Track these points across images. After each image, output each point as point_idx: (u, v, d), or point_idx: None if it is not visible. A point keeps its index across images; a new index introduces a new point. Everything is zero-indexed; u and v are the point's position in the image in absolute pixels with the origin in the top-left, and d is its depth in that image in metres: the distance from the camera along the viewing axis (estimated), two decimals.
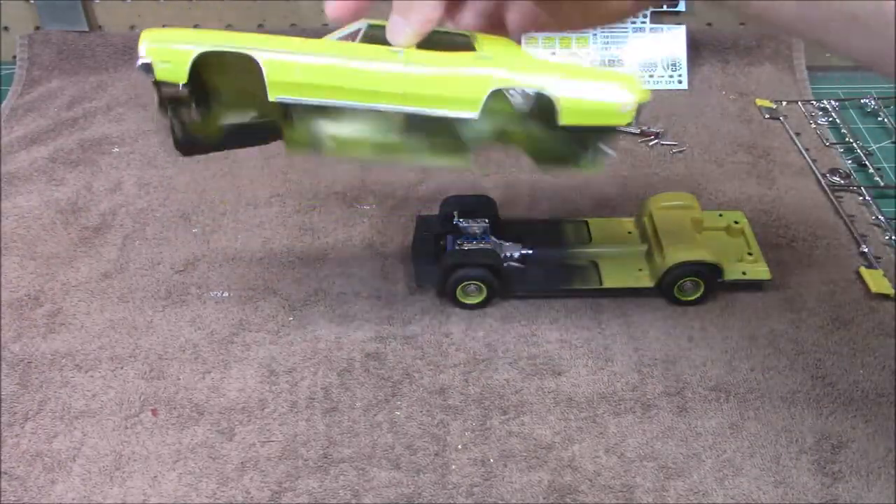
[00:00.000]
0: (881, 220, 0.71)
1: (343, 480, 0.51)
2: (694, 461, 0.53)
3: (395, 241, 0.69)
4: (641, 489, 0.51)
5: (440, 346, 0.60)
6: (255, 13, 0.93)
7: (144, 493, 0.51)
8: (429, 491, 0.51)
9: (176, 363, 0.59)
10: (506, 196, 0.73)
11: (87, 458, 0.53)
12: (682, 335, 0.61)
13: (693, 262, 0.61)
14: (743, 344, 0.60)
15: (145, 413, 0.55)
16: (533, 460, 0.53)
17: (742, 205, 0.72)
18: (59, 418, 0.55)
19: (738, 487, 0.51)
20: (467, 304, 0.63)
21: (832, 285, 0.65)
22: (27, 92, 0.87)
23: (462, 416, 0.55)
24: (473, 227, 0.64)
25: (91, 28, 0.92)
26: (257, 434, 0.54)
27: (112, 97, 0.86)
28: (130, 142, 0.80)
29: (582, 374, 0.58)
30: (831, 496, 0.51)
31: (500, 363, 0.59)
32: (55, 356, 0.59)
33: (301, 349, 0.60)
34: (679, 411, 0.56)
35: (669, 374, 0.58)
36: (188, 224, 0.71)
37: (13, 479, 0.51)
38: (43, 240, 0.69)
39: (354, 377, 0.58)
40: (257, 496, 0.51)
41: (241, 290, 0.64)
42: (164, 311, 0.63)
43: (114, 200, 0.73)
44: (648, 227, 0.65)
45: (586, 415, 0.55)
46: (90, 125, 0.82)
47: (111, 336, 0.61)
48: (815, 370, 0.58)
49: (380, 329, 0.61)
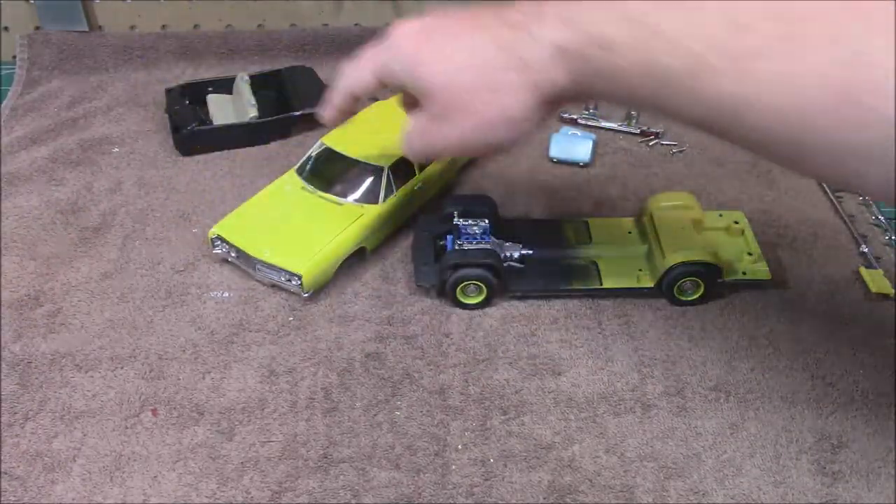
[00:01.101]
0: (881, 220, 0.71)
1: (343, 480, 0.51)
2: (694, 461, 0.53)
3: (395, 241, 0.69)
4: (641, 489, 0.51)
5: (440, 346, 0.60)
6: (256, 13, 0.93)
7: (144, 493, 0.51)
8: (429, 491, 0.51)
9: (176, 363, 0.59)
10: (506, 196, 0.73)
11: (87, 458, 0.53)
12: (682, 335, 0.61)
13: (693, 262, 0.61)
14: (743, 344, 0.60)
15: (145, 413, 0.55)
16: (533, 460, 0.53)
17: (742, 205, 0.72)
18: (59, 418, 0.55)
19: (738, 487, 0.51)
20: (467, 304, 0.63)
21: (832, 285, 0.65)
22: (27, 92, 0.87)
23: (462, 416, 0.55)
24: (473, 227, 0.64)
25: (91, 28, 0.92)
26: (257, 434, 0.54)
27: (112, 97, 0.86)
28: (130, 142, 0.80)
29: (582, 374, 0.58)
30: (831, 496, 0.51)
31: (500, 363, 0.59)
32: (55, 356, 0.59)
33: (301, 349, 0.60)
34: (679, 411, 0.56)
35: (669, 374, 0.58)
36: (188, 224, 0.71)
37: (13, 479, 0.51)
38: (43, 240, 0.69)
39: (354, 377, 0.58)
40: (257, 496, 0.51)
41: (241, 290, 0.64)
42: (164, 311, 0.63)
43: (114, 200, 0.73)
44: (648, 227, 0.65)
45: (586, 415, 0.55)
46: (90, 125, 0.82)
47: (111, 336, 0.61)
48: (815, 370, 0.58)
49: (380, 329, 0.61)
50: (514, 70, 0.47)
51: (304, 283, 0.61)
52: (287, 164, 0.75)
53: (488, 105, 0.49)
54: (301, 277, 0.61)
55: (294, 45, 0.92)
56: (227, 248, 0.65)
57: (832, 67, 0.36)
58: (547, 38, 0.46)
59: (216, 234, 0.65)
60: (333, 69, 0.90)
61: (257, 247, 0.63)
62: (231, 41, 0.92)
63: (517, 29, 0.47)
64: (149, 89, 0.87)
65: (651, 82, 0.42)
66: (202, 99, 0.82)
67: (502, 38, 0.47)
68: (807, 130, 0.38)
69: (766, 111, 0.39)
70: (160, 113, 0.83)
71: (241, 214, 0.66)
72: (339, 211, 0.66)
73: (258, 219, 0.66)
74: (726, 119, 0.41)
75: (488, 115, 0.49)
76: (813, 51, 0.37)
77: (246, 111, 0.79)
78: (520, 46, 0.47)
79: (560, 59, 0.45)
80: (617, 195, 0.74)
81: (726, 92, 0.39)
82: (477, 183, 0.75)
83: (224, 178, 0.76)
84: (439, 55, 0.50)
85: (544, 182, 0.75)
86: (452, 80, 0.50)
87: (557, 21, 0.45)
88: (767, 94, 0.38)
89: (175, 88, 0.83)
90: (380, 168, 0.67)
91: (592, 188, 0.75)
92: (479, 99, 0.49)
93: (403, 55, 0.52)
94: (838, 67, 0.36)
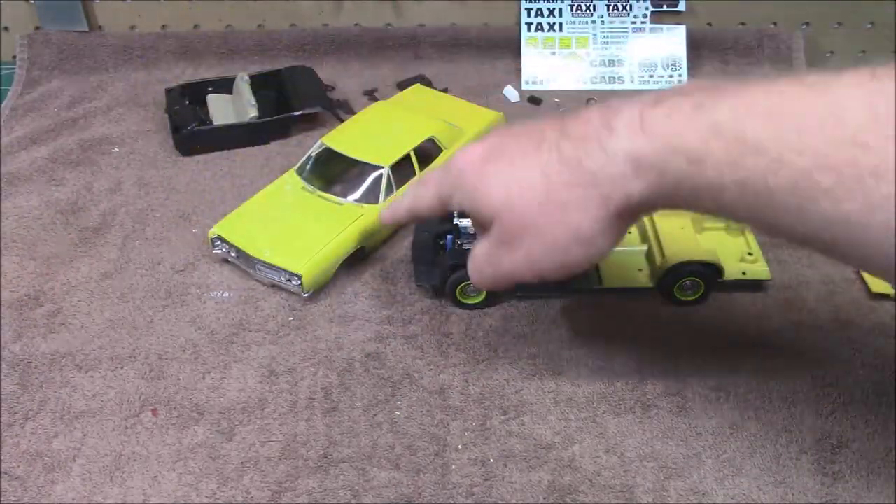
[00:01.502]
0: None
1: (343, 480, 0.51)
2: (694, 461, 0.53)
3: (395, 241, 0.69)
4: (641, 489, 0.51)
5: (440, 346, 0.60)
6: (256, 13, 0.93)
7: (144, 493, 0.51)
8: (429, 491, 0.51)
9: (176, 363, 0.59)
10: None
11: (87, 458, 0.53)
12: (682, 335, 0.61)
13: (693, 262, 0.61)
14: (743, 344, 0.60)
15: (145, 413, 0.55)
16: (533, 460, 0.53)
17: None
18: (59, 418, 0.55)
19: (738, 487, 0.51)
20: (467, 304, 0.63)
21: (832, 285, 0.65)
22: (27, 92, 0.87)
23: (462, 416, 0.55)
24: (473, 227, 0.64)
25: (91, 28, 0.92)
26: (257, 434, 0.54)
27: (112, 97, 0.86)
28: (130, 142, 0.80)
29: (582, 374, 0.58)
30: (831, 496, 0.51)
31: (500, 363, 0.59)
32: (55, 356, 0.59)
33: (301, 349, 0.60)
34: (679, 411, 0.56)
35: (669, 374, 0.58)
36: (188, 224, 0.71)
37: (13, 479, 0.51)
38: (43, 240, 0.69)
39: (354, 377, 0.58)
40: (257, 496, 0.51)
41: (241, 290, 0.64)
42: (164, 311, 0.63)
43: (114, 200, 0.73)
44: (648, 227, 0.65)
45: (586, 415, 0.55)
46: (90, 125, 0.82)
47: (111, 336, 0.61)
48: (815, 370, 0.58)
49: (380, 329, 0.61)
50: (581, 185, 0.43)
51: (304, 283, 0.61)
52: (287, 164, 0.75)
53: (555, 225, 0.45)
54: (301, 277, 0.61)
55: (294, 45, 0.92)
56: (227, 248, 0.65)
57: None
58: (619, 149, 0.41)
59: (216, 234, 0.65)
60: (333, 69, 0.92)
61: (257, 247, 0.63)
62: (231, 41, 0.92)
63: (584, 141, 0.43)
64: (149, 89, 0.87)
65: (749, 199, 0.38)
66: (202, 99, 0.82)
67: (566, 152, 0.44)
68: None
69: (882, 231, 0.35)
70: (160, 113, 0.83)
71: (241, 214, 0.66)
72: (339, 211, 0.66)
73: (258, 219, 0.66)
74: (836, 238, 0.37)
75: (557, 235, 0.45)
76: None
77: (246, 111, 0.79)
78: (586, 160, 0.43)
79: (635, 172, 0.41)
80: None
81: (840, 211, 0.36)
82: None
83: (224, 178, 0.76)
84: (500, 179, 0.47)
85: None
86: (515, 203, 0.46)
87: (631, 130, 0.41)
88: (884, 214, 0.35)
89: (175, 88, 0.83)
90: (380, 168, 0.67)
91: None
92: (544, 219, 0.45)
93: (465, 183, 0.49)
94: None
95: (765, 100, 0.38)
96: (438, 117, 0.74)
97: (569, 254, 0.46)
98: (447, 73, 0.91)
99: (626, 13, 0.91)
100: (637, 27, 0.91)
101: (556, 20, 0.91)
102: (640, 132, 0.41)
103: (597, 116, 0.43)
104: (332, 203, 0.67)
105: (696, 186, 0.40)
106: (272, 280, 0.63)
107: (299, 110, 0.81)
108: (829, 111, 0.36)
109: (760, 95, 0.38)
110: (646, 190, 0.42)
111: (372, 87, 0.89)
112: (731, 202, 0.39)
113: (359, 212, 0.66)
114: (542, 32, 0.91)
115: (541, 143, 0.45)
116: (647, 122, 0.41)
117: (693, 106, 0.39)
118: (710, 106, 0.39)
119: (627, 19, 0.91)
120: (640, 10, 0.91)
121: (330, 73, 0.90)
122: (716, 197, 0.39)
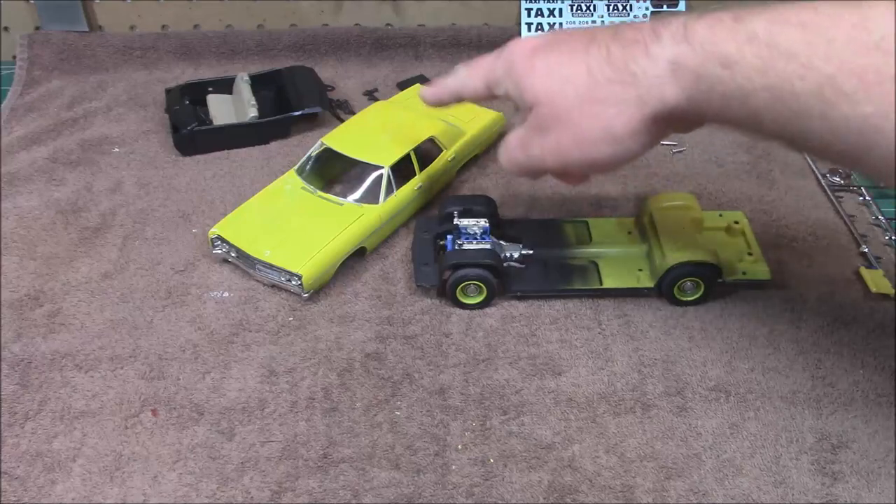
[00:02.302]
0: (881, 220, 0.71)
1: (343, 480, 0.51)
2: (694, 461, 0.53)
3: (395, 241, 0.69)
4: (641, 489, 0.51)
5: (440, 346, 0.60)
6: (256, 13, 0.93)
7: (144, 493, 0.51)
8: (429, 491, 0.51)
9: (176, 363, 0.59)
10: (506, 196, 0.73)
11: (87, 458, 0.52)
12: (682, 335, 0.61)
13: (693, 262, 0.61)
14: (743, 344, 0.60)
15: (145, 413, 0.55)
16: (533, 460, 0.53)
17: (742, 205, 0.72)
18: (59, 418, 0.55)
19: (738, 487, 0.51)
20: (467, 304, 0.63)
21: (832, 285, 0.65)
22: (27, 92, 0.87)
23: (462, 416, 0.55)
24: (473, 227, 0.64)
25: (91, 28, 0.92)
26: (257, 434, 0.54)
27: (112, 97, 0.86)
28: (130, 142, 0.80)
29: (582, 374, 0.58)
30: (831, 496, 0.51)
31: (500, 363, 0.59)
32: (55, 356, 0.59)
33: (301, 349, 0.60)
34: (679, 411, 0.56)
35: (669, 374, 0.58)
36: (188, 224, 0.71)
37: (13, 479, 0.51)
38: (43, 240, 0.69)
39: (354, 377, 0.58)
40: (257, 496, 0.51)
41: (241, 290, 0.64)
42: (164, 311, 0.62)
43: (114, 200, 0.73)
44: (648, 228, 0.65)
45: (586, 415, 0.55)
46: (90, 125, 0.82)
47: (111, 336, 0.61)
48: (815, 370, 0.58)
49: (380, 329, 0.61)
50: (620, 83, 0.46)
51: (304, 283, 0.61)
52: (287, 164, 0.75)
53: (589, 118, 0.48)
54: (301, 277, 0.61)
55: (294, 45, 0.92)
56: (227, 248, 0.65)
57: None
58: (662, 55, 0.45)
59: (216, 234, 0.65)
60: (333, 69, 0.92)
61: (257, 247, 0.63)
62: (231, 41, 0.92)
63: (632, 45, 0.46)
64: (149, 89, 0.87)
65: (776, 105, 0.41)
66: (202, 99, 0.82)
67: (614, 53, 0.47)
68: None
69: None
70: (160, 113, 0.83)
71: (241, 214, 0.66)
72: (339, 211, 0.66)
73: (258, 219, 0.66)
74: (856, 145, 0.39)
75: (588, 127, 0.48)
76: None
77: (246, 111, 0.79)
78: (632, 62, 0.46)
79: (673, 75, 0.44)
80: (617, 195, 0.74)
81: (859, 115, 0.38)
82: (477, 183, 0.75)
83: (224, 178, 0.76)
84: (547, 69, 0.49)
85: (544, 182, 0.75)
86: (556, 91, 0.49)
87: (675, 39, 0.44)
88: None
89: (175, 88, 0.83)
90: (380, 168, 0.67)
91: (592, 188, 0.75)
92: (580, 112, 0.48)
93: (513, 70, 0.51)
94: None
95: (800, 14, 0.41)
96: (438, 117, 0.74)
97: (597, 150, 0.49)
98: (447, 73, 0.91)
99: (626, 13, 0.91)
100: None
101: (557, 20, 0.91)
102: (683, 40, 0.44)
103: (648, 26, 0.46)
104: (333, 203, 0.67)
105: (727, 92, 0.42)
106: (272, 280, 0.63)
107: (299, 110, 0.81)
108: (857, 21, 0.38)
109: (796, 10, 0.41)
110: (681, 94, 0.45)
111: (372, 87, 0.89)
112: (759, 108, 0.42)
113: (359, 212, 0.66)
114: (543, 32, 0.91)
115: (591, 44, 0.48)
116: (689, 31, 0.44)
117: (733, 18, 0.43)
118: (749, 19, 0.42)
119: (627, 19, 0.91)
120: (640, 10, 0.91)
121: (330, 73, 0.90)
122: (745, 103, 0.42)
